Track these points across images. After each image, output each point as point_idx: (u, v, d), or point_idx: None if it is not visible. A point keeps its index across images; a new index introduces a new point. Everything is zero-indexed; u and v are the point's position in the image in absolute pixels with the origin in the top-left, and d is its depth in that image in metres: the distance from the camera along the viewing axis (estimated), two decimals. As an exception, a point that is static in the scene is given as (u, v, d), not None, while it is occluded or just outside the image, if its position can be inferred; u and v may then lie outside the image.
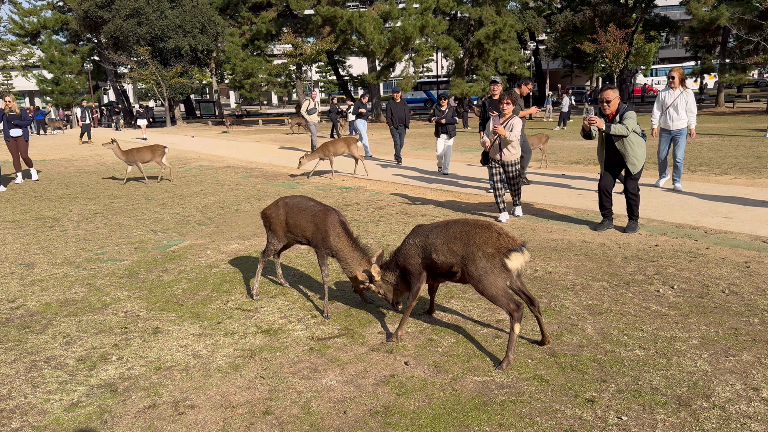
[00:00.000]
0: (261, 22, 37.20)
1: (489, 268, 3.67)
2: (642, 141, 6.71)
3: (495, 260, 3.66)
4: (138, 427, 3.22)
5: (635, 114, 6.64)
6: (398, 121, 14.34)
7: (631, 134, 6.57)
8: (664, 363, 3.70)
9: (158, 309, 5.00)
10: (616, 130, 6.48)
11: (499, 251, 3.65)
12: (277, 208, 5.01)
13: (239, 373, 3.81)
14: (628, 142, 6.62)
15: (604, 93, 6.71)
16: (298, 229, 4.83)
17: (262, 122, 40.23)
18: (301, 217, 4.80)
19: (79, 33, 45.81)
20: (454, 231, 3.87)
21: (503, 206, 7.83)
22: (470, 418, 3.18)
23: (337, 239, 4.55)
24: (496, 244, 3.67)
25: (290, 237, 4.99)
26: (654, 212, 7.81)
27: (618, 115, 6.64)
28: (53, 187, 12.69)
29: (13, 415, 3.40)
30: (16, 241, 7.65)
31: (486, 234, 3.73)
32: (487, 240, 3.70)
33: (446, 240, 3.88)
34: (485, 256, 3.68)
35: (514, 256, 3.62)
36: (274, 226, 5.02)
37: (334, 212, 4.69)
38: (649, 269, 5.54)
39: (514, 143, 7.55)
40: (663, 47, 57.61)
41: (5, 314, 5.00)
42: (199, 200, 10.29)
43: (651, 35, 43.44)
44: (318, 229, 4.65)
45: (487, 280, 3.69)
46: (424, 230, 4.10)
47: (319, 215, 4.68)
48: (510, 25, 31.90)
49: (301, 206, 4.86)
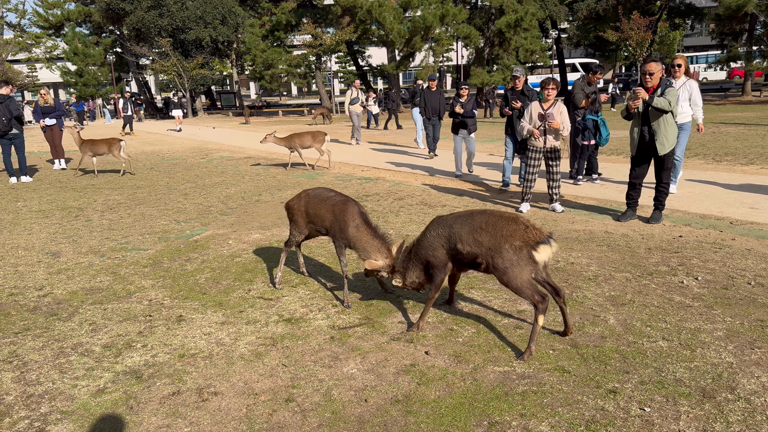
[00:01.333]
0: (281, 12, 37.24)
1: (516, 261, 3.65)
2: (674, 123, 6.58)
3: (522, 253, 3.63)
4: (163, 413, 3.28)
5: (677, 92, 6.48)
6: (432, 112, 13.07)
7: (668, 114, 6.43)
8: (688, 354, 3.66)
9: (182, 297, 5.07)
10: (658, 103, 6.31)
11: (526, 244, 3.62)
12: (299, 200, 5.07)
13: (261, 360, 3.85)
14: (663, 121, 6.47)
15: (648, 65, 6.50)
16: (318, 219, 4.87)
17: (282, 113, 40.36)
18: (321, 208, 4.83)
19: (101, 25, 46.28)
20: (480, 221, 3.84)
21: (529, 197, 7.72)
22: (491, 407, 3.18)
23: (356, 229, 4.55)
24: (524, 236, 3.64)
25: (311, 227, 5.03)
26: (678, 203, 7.70)
27: (660, 89, 6.48)
28: (77, 177, 12.88)
29: (42, 400, 3.48)
30: (42, 230, 7.80)
31: (513, 226, 3.70)
32: (514, 232, 3.67)
33: (472, 230, 3.85)
34: (512, 249, 3.65)
35: (542, 249, 3.60)
36: (296, 217, 5.08)
37: (354, 203, 4.71)
38: (673, 260, 5.47)
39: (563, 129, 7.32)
40: (688, 35, 56.55)
41: (33, 302, 5.10)
42: (220, 190, 10.38)
43: (676, 23, 42.64)
44: (337, 219, 4.67)
45: (513, 273, 3.67)
46: (447, 221, 4.06)
47: (339, 205, 4.70)
48: (531, 14, 31.52)
49: (322, 197, 4.91)
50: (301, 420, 3.16)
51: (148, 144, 21.01)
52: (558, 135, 7.38)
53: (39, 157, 17.16)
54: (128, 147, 19.54)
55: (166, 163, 14.87)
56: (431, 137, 13.45)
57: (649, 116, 6.53)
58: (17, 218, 8.62)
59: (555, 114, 7.30)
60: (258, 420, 3.17)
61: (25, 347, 4.19)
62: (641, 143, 6.66)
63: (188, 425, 3.16)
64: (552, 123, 7.24)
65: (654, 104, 6.33)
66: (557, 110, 7.31)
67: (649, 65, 6.48)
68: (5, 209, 9.36)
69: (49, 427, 3.19)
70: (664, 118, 6.46)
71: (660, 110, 6.37)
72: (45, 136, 14.24)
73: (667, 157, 6.65)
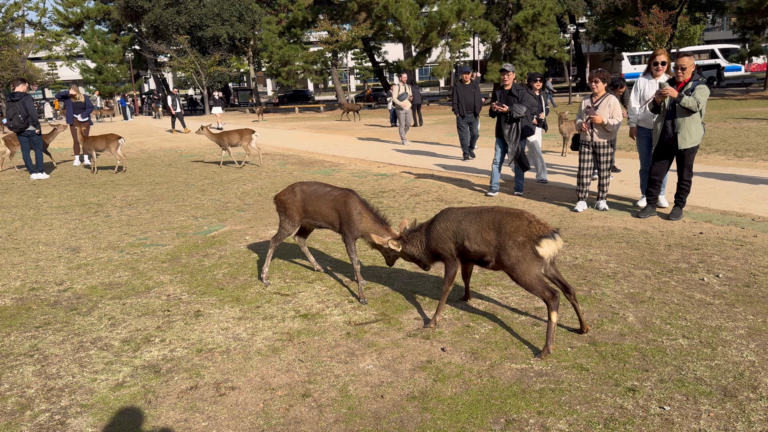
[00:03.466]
0: (297, 9, 37.31)
1: (521, 257, 3.65)
2: (700, 121, 6.46)
3: (526, 248, 3.63)
4: (181, 408, 3.30)
5: (708, 91, 6.33)
6: (466, 108, 11.82)
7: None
8: (709, 353, 3.61)
9: (199, 293, 5.10)
10: (687, 103, 6.19)
11: (529, 239, 3.62)
12: (293, 194, 5.02)
13: (278, 356, 3.86)
14: (689, 117, 6.38)
15: (680, 60, 6.34)
16: (318, 215, 4.87)
17: (298, 109, 40.48)
18: (321, 204, 4.83)
19: (120, 23, 46.75)
20: (487, 220, 3.85)
21: (584, 195, 7.44)
22: (508, 405, 3.16)
23: (359, 216, 4.61)
24: (527, 231, 3.64)
25: (308, 222, 5.03)
26: (698, 199, 7.59)
27: (691, 82, 6.36)
28: (97, 174, 13.02)
29: (62, 393, 3.52)
30: (62, 226, 7.89)
31: (517, 222, 3.70)
32: (517, 228, 3.68)
33: (479, 229, 3.87)
34: (516, 245, 3.66)
35: (545, 243, 3.59)
36: (289, 212, 5.03)
37: (352, 193, 4.75)
38: (693, 257, 5.40)
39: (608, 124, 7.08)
40: (709, 29, 55.73)
41: (53, 296, 5.17)
42: (237, 187, 10.43)
43: (696, 17, 42.03)
44: (340, 213, 4.71)
45: (521, 269, 3.67)
46: (456, 215, 4.06)
47: (340, 199, 4.73)
48: (549, 8, 31.26)
49: (319, 192, 4.89)
50: (317, 415, 3.16)
51: (166, 141, 21.19)
52: (604, 130, 7.14)
53: (59, 153, 17.37)
54: (150, 143, 19.74)
55: (184, 159, 14.99)
56: (466, 137, 12.19)
57: (675, 111, 6.43)
58: (38, 214, 8.74)
59: (603, 108, 7.06)
60: (275, 415, 3.19)
61: (45, 341, 4.24)
62: (663, 137, 6.55)
63: (206, 419, 3.18)
64: (594, 117, 7.01)
65: (682, 104, 6.22)
66: (605, 104, 7.08)
67: (682, 60, 6.35)
68: (26, 205, 9.49)
69: (70, 420, 3.23)
70: (690, 114, 6.36)
71: (687, 109, 6.27)
72: (71, 131, 14.67)
73: (689, 154, 6.55)
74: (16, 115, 11.83)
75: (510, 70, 8.30)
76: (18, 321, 4.63)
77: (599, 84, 7.12)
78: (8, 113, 11.91)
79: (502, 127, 8.30)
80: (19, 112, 11.84)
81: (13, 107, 11.86)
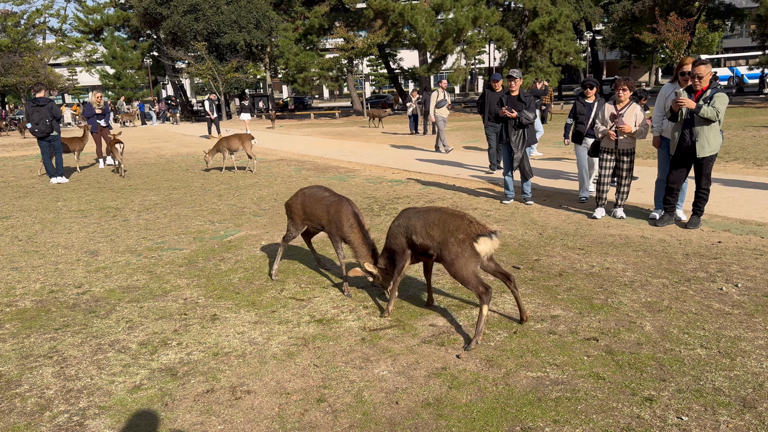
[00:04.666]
0: (314, 16, 37.55)
1: (460, 252, 3.96)
2: (719, 129, 6.40)
3: (465, 245, 3.94)
4: (197, 411, 3.33)
5: (726, 98, 6.24)
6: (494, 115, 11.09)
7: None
8: (728, 363, 3.57)
9: (216, 297, 5.14)
10: (706, 113, 6.13)
11: (468, 236, 3.94)
12: (296, 198, 5.38)
13: (293, 360, 3.88)
14: (707, 126, 6.32)
15: (697, 68, 6.25)
16: (314, 217, 5.18)
17: (313, 116, 40.66)
18: (317, 207, 5.13)
19: (139, 29, 47.32)
20: (433, 218, 4.19)
21: (603, 202, 7.40)
22: (524, 413, 3.15)
23: (350, 229, 4.86)
24: (467, 230, 3.96)
25: (308, 224, 5.33)
26: (717, 208, 7.51)
27: (709, 90, 6.27)
28: (115, 178, 13.18)
29: (80, 395, 3.56)
30: (81, 229, 7.99)
31: (458, 222, 4.02)
32: (459, 227, 4.00)
33: (425, 225, 4.21)
34: (456, 242, 3.97)
35: (482, 241, 3.90)
36: (293, 215, 5.38)
37: (348, 203, 4.97)
38: (712, 266, 5.34)
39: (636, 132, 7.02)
40: (727, 36, 55.22)
41: (72, 299, 5.24)
42: (253, 192, 10.50)
43: (715, 24, 41.69)
44: (331, 218, 4.97)
45: (459, 264, 3.96)
46: (408, 213, 4.43)
47: (334, 206, 4.99)
48: (566, 15, 31.17)
49: (317, 196, 5.21)
50: (332, 420, 3.17)
51: (183, 146, 21.39)
52: (630, 138, 7.10)
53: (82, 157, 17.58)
54: (167, 149, 19.93)
55: (201, 164, 15.11)
56: (494, 145, 11.28)
57: (693, 120, 6.36)
58: (58, 218, 8.86)
59: (629, 116, 7.02)
60: (290, 419, 3.20)
61: (64, 343, 4.30)
62: (681, 145, 6.49)
63: (222, 423, 3.20)
64: (622, 127, 6.93)
65: (701, 114, 6.15)
66: (631, 112, 7.04)
67: (699, 68, 6.27)
68: (46, 209, 9.63)
69: (88, 422, 3.26)
70: (710, 123, 6.30)
71: (706, 120, 6.21)
72: (94, 137, 15.13)
73: (707, 162, 6.49)
74: (42, 120, 12.03)
75: (517, 76, 8.32)
76: (38, 323, 4.70)
77: (626, 91, 7.09)
78: (34, 118, 12.10)
79: (509, 133, 8.20)
80: (45, 117, 12.06)
81: (39, 112, 12.06)
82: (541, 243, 6.39)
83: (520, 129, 8.11)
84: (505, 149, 8.42)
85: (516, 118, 8.02)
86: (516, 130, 8.12)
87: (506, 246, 6.32)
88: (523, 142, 8.12)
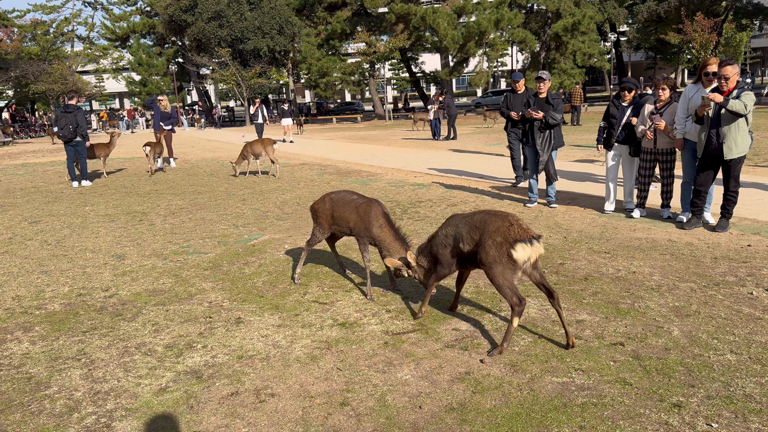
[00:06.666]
0: (336, 21, 37.78)
1: (497, 257, 3.76)
2: (747, 129, 6.28)
3: (502, 249, 3.73)
4: (222, 413, 3.35)
5: (753, 97, 6.13)
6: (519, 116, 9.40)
7: (741, 119, 6.17)
8: (759, 369, 3.49)
9: (240, 300, 5.18)
10: (734, 106, 6.02)
11: (506, 240, 3.72)
12: (323, 203, 5.33)
13: (317, 364, 3.89)
14: (735, 126, 6.19)
15: (723, 69, 6.17)
16: (342, 220, 5.13)
17: (336, 120, 40.84)
18: (345, 210, 5.09)
19: (164, 36, 48.08)
20: (476, 220, 4.02)
21: (643, 201, 7.47)
22: (549, 419, 3.11)
23: (380, 229, 4.83)
24: (506, 233, 3.74)
25: (335, 229, 5.28)
26: (746, 210, 7.36)
27: (735, 90, 6.16)
28: (142, 183, 13.38)
29: (107, 396, 3.61)
30: (108, 234, 8.12)
31: (499, 223, 3.81)
32: (498, 229, 3.79)
33: (469, 229, 4.04)
34: (494, 245, 3.78)
35: (520, 247, 3.66)
36: (320, 219, 5.34)
37: (377, 204, 4.95)
38: (741, 270, 5.23)
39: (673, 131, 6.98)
40: (755, 36, 54.13)
41: (100, 302, 5.32)
42: (276, 196, 10.57)
43: (742, 23, 40.89)
44: (361, 219, 4.93)
45: (495, 270, 3.78)
46: (455, 220, 4.25)
47: (363, 207, 4.97)
48: (589, 17, 30.90)
49: (346, 200, 5.17)
50: (355, 424, 3.17)
51: (208, 151, 21.64)
52: (668, 138, 7.06)
53: (131, 162, 17.88)
54: (192, 154, 20.16)
55: (225, 169, 15.26)
56: (518, 156, 10.46)
57: (720, 119, 6.25)
58: (85, 222, 9.02)
59: (668, 114, 6.98)
60: (314, 423, 3.21)
61: (92, 345, 4.37)
62: (708, 147, 6.38)
63: (246, 426, 3.22)
64: (659, 124, 6.93)
65: (729, 107, 6.04)
66: (670, 111, 7.01)
67: (725, 69, 6.17)
68: (74, 213, 9.81)
69: (115, 423, 3.31)
70: (737, 123, 6.18)
71: (735, 113, 6.10)
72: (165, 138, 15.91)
73: (735, 164, 6.36)
74: (67, 126, 12.61)
75: (546, 78, 8.23)
76: (66, 326, 4.78)
77: (666, 90, 7.08)
78: (60, 123, 12.70)
79: (534, 136, 8.08)
80: (70, 123, 12.60)
81: (66, 118, 12.70)
82: (565, 247, 6.33)
83: (546, 131, 8.03)
84: (530, 152, 8.33)
85: (542, 119, 7.94)
86: (542, 132, 8.03)
87: (530, 250, 6.26)
88: (549, 145, 8.03)
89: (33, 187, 13.44)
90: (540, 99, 8.19)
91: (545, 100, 8.13)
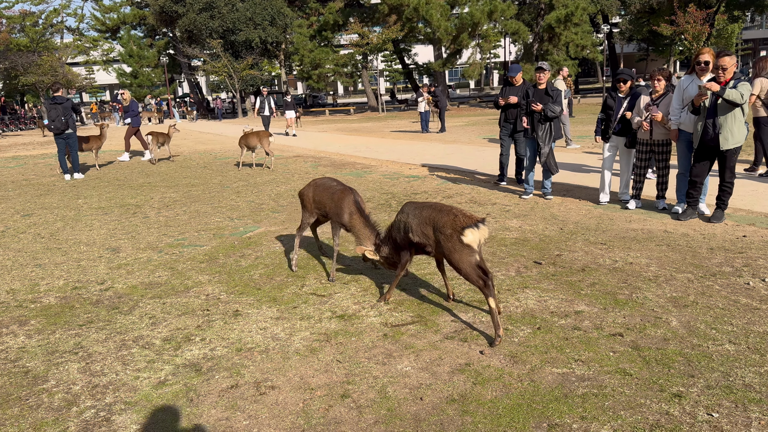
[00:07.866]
0: (328, 12, 37.58)
1: (452, 247, 3.99)
2: (743, 120, 6.30)
3: (454, 239, 3.97)
4: (222, 406, 3.34)
5: (750, 87, 6.16)
6: (512, 115, 9.26)
7: (737, 109, 6.19)
8: (757, 359, 3.50)
9: (237, 293, 5.16)
10: (730, 95, 6.04)
11: (455, 230, 3.95)
12: (309, 188, 5.61)
13: (316, 356, 3.88)
14: (731, 116, 6.21)
15: (721, 59, 6.18)
16: (321, 205, 5.41)
17: (328, 112, 40.70)
18: (324, 195, 5.38)
19: (155, 27, 47.67)
20: (425, 216, 4.26)
21: (638, 192, 7.52)
22: (550, 409, 3.12)
23: (350, 216, 5.05)
24: (453, 224, 3.98)
25: (317, 213, 5.54)
26: (741, 201, 7.40)
27: (732, 81, 6.18)
28: (134, 175, 13.29)
29: (106, 390, 3.59)
30: (102, 226, 8.07)
31: (445, 218, 4.06)
32: (446, 223, 4.04)
33: (419, 222, 4.30)
34: (446, 237, 4.02)
35: (469, 232, 3.90)
36: (305, 204, 5.61)
37: (351, 192, 5.17)
38: (738, 261, 5.26)
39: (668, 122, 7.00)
40: (747, 27, 54.32)
41: (95, 296, 5.28)
42: (271, 188, 10.53)
43: (734, 15, 40.96)
44: (335, 205, 5.19)
45: (455, 259, 3.99)
46: (407, 210, 4.48)
47: (338, 194, 5.22)
48: (582, 8, 30.89)
49: (326, 186, 5.45)
50: (357, 416, 3.16)
51: (200, 143, 21.52)
52: (664, 128, 7.08)
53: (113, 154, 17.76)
54: (185, 146, 20.04)
55: (219, 162, 15.19)
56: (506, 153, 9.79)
57: (716, 109, 6.26)
58: (78, 215, 8.95)
59: (664, 105, 7.00)
60: (315, 415, 3.20)
61: (89, 339, 4.34)
62: (704, 137, 6.40)
63: (247, 418, 3.20)
64: (655, 115, 6.95)
65: (726, 96, 6.05)
66: (666, 102, 7.02)
67: (723, 59, 6.18)
68: (67, 206, 9.73)
69: (114, 417, 3.29)
70: (733, 113, 6.20)
71: (731, 103, 6.11)
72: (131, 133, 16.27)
73: (731, 155, 6.39)
74: (58, 117, 12.43)
75: (546, 68, 8.21)
76: (62, 319, 4.75)
77: (661, 81, 7.11)
78: (50, 115, 12.48)
79: (535, 127, 8.05)
80: (61, 115, 12.39)
81: (55, 110, 12.43)
82: (562, 238, 6.34)
83: (546, 123, 8.01)
84: (529, 144, 8.30)
85: (541, 111, 7.92)
86: (542, 124, 8.02)
87: (527, 241, 6.27)
88: (549, 136, 8.02)
89: (24, 180, 13.33)
90: (539, 90, 8.16)
91: (544, 92, 8.10)
